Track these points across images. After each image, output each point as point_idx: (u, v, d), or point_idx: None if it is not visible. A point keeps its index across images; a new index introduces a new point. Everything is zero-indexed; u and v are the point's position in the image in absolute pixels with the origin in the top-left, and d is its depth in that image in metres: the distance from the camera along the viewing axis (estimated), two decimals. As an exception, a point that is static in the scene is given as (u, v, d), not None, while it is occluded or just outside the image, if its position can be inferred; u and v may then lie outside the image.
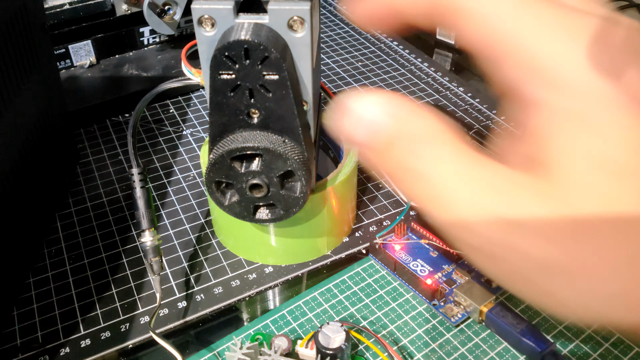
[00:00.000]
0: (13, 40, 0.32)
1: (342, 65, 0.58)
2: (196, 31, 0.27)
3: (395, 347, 0.31)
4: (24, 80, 0.34)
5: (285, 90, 0.27)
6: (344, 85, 0.55)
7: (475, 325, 0.32)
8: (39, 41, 0.36)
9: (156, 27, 0.53)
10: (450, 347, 0.31)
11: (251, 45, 0.25)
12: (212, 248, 0.37)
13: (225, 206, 0.30)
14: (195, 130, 0.49)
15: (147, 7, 0.51)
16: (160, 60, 0.55)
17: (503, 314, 0.30)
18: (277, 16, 0.26)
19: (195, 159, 0.45)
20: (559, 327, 0.31)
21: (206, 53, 0.27)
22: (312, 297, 0.33)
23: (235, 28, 0.26)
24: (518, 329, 0.30)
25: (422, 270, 0.34)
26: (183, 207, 0.40)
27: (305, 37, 0.27)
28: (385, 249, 0.35)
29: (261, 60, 0.26)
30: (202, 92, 0.53)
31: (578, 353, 0.30)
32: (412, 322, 0.32)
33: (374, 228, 0.39)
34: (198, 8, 0.26)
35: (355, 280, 0.34)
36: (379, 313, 0.32)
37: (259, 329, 0.32)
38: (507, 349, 0.30)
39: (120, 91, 0.51)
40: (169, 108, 0.51)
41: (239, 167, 0.28)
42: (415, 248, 0.36)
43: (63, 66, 0.53)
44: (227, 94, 0.27)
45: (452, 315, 0.32)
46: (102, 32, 0.53)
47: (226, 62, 0.26)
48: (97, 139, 0.48)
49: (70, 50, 0.53)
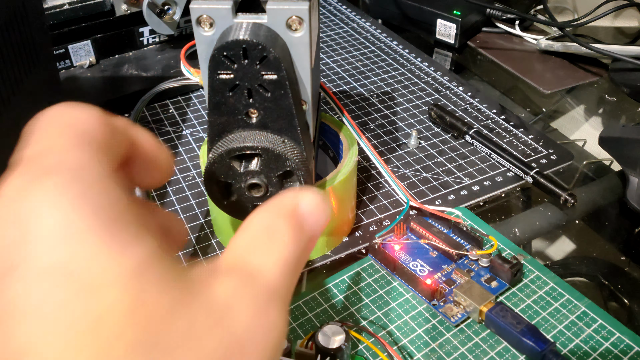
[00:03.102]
0: (12, 41, 0.32)
1: (342, 65, 0.58)
2: (195, 31, 0.27)
3: (395, 347, 0.31)
4: (23, 81, 0.34)
5: (284, 90, 0.26)
6: (343, 85, 0.55)
7: (474, 325, 0.32)
8: (39, 41, 0.36)
9: (156, 27, 0.53)
10: (450, 347, 0.30)
11: (250, 45, 0.25)
12: (212, 248, 0.37)
13: (224, 206, 0.30)
14: (195, 130, 0.48)
15: (146, 7, 0.51)
16: (160, 60, 0.55)
17: (503, 314, 0.30)
18: (275, 16, 0.26)
19: (194, 159, 0.45)
20: (559, 326, 0.31)
21: (205, 53, 0.27)
22: (312, 297, 0.33)
23: (234, 28, 0.26)
24: (518, 329, 0.30)
25: (421, 270, 0.34)
26: (183, 207, 0.40)
27: (304, 37, 0.27)
28: (385, 249, 0.35)
29: (260, 60, 0.26)
30: (202, 92, 0.53)
31: (578, 353, 0.30)
32: (412, 322, 0.32)
33: (373, 228, 0.39)
34: (197, 8, 0.26)
35: (355, 280, 0.34)
36: (379, 313, 0.32)
37: (258, 329, 0.32)
38: (507, 348, 0.30)
39: (119, 91, 0.51)
40: (169, 108, 0.51)
41: (238, 166, 0.28)
42: (414, 248, 0.36)
43: (63, 66, 0.53)
44: (225, 93, 0.27)
45: (451, 315, 0.32)
46: (102, 32, 0.53)
47: (225, 61, 0.26)
48: (97, 139, 0.47)
49: (70, 51, 0.52)
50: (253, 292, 0.15)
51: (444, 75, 0.56)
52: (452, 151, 0.46)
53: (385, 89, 0.54)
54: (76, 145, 0.15)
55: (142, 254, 0.13)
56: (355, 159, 0.36)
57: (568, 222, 0.40)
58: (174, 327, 0.13)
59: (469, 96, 0.53)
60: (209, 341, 0.13)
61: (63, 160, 0.14)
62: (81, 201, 0.13)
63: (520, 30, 0.63)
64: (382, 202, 0.41)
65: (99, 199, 0.14)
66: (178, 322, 0.13)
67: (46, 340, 0.12)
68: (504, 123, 0.49)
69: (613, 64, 0.56)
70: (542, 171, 0.42)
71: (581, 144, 0.48)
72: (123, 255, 0.13)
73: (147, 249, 0.14)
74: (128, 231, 0.14)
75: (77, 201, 0.13)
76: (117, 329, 0.12)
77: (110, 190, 0.14)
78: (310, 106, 0.29)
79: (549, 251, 0.39)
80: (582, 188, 0.43)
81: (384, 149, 0.46)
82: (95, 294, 0.12)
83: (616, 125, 0.48)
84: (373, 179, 0.43)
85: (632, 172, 0.41)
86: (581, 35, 0.61)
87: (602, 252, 0.38)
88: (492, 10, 0.62)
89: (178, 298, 0.14)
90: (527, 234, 0.39)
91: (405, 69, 0.57)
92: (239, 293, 0.15)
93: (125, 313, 0.13)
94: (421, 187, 0.42)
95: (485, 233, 0.36)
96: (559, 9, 0.67)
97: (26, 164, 0.14)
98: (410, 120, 0.50)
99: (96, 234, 0.13)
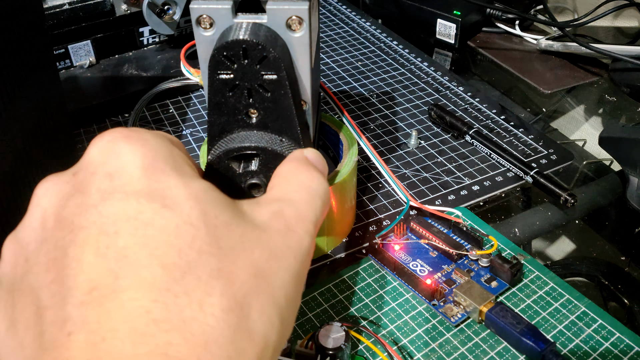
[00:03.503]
0: (12, 41, 0.32)
1: (342, 65, 0.58)
2: (195, 31, 0.27)
3: (395, 347, 0.31)
4: (23, 81, 0.34)
5: (284, 90, 0.26)
6: (343, 85, 0.55)
7: (474, 325, 0.32)
8: (39, 41, 0.36)
9: (155, 27, 0.53)
10: (450, 347, 0.30)
11: (249, 44, 0.25)
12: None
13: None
14: (195, 130, 0.48)
15: (146, 7, 0.51)
16: (160, 60, 0.55)
17: (503, 314, 0.30)
18: (275, 16, 0.26)
19: (194, 159, 0.45)
20: (559, 326, 0.31)
21: (205, 53, 0.27)
22: (312, 297, 0.33)
23: (234, 28, 0.26)
24: (518, 329, 0.30)
25: (421, 270, 0.34)
26: (182, 207, 0.40)
27: (303, 37, 0.27)
28: (385, 249, 0.35)
29: (260, 60, 0.26)
30: (202, 92, 0.53)
31: (578, 353, 0.30)
32: (412, 322, 0.32)
33: (373, 228, 0.39)
34: (196, 8, 0.26)
35: (355, 280, 0.34)
36: (379, 313, 0.32)
37: (258, 329, 0.32)
38: (507, 348, 0.30)
39: (119, 91, 0.51)
40: (169, 108, 0.51)
41: (237, 167, 0.28)
42: (414, 248, 0.36)
43: (63, 66, 0.53)
44: (225, 93, 0.27)
45: (451, 315, 0.32)
46: (102, 32, 0.53)
47: (225, 61, 0.26)
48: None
49: (70, 51, 0.52)
50: (286, 216, 0.20)
51: (444, 75, 0.56)
52: (452, 151, 0.46)
53: (385, 89, 0.54)
54: (147, 131, 0.20)
55: (204, 184, 0.19)
56: (355, 159, 0.36)
57: (568, 222, 0.40)
58: (231, 235, 0.18)
59: (469, 96, 0.53)
60: (256, 248, 0.18)
61: (138, 132, 0.19)
62: (155, 154, 0.19)
63: (520, 30, 0.63)
64: (382, 202, 0.41)
65: (168, 154, 0.19)
66: (233, 232, 0.18)
67: (138, 242, 0.16)
68: (504, 123, 0.49)
69: (613, 64, 0.56)
70: (542, 171, 0.42)
71: (581, 144, 0.48)
72: (190, 185, 0.18)
73: (206, 184, 0.19)
74: (190, 174, 0.19)
75: (152, 153, 0.19)
76: (192, 234, 0.17)
77: (174, 152, 0.20)
78: (310, 106, 0.29)
79: (549, 251, 0.39)
80: (582, 188, 0.43)
81: (384, 149, 0.46)
82: (174, 209, 0.17)
83: (616, 125, 0.48)
84: (373, 179, 0.43)
85: (632, 172, 0.41)
86: (581, 35, 0.61)
87: (602, 252, 0.38)
88: (492, 10, 0.62)
89: (233, 215, 0.18)
90: (527, 234, 0.39)
91: (405, 69, 0.57)
92: (276, 216, 0.20)
93: (196, 222, 0.17)
94: (421, 187, 0.42)
95: (485, 233, 0.36)
96: (559, 9, 0.67)
97: (111, 131, 0.19)
98: (410, 120, 0.50)
99: (168, 172, 0.18)
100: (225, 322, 0.16)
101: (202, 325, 0.15)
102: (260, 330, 0.17)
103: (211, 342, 0.15)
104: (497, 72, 0.58)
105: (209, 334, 0.15)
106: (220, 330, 0.16)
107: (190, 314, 0.15)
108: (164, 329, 0.15)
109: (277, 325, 0.17)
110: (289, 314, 0.18)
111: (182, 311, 0.15)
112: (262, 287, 0.17)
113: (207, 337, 0.15)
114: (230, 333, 0.16)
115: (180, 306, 0.15)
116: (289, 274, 0.18)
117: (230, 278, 0.17)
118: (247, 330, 0.16)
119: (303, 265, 0.19)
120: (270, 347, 0.17)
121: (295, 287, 0.19)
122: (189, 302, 0.16)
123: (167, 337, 0.15)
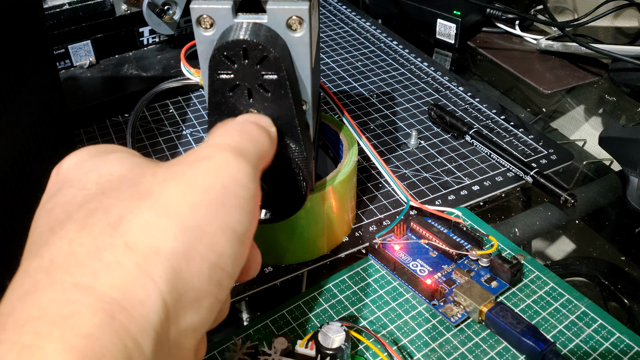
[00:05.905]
0: (12, 41, 0.32)
1: (342, 65, 0.58)
2: (195, 31, 0.27)
3: (394, 347, 0.31)
4: (23, 81, 0.34)
5: (284, 90, 0.26)
6: (343, 85, 0.55)
7: (474, 325, 0.32)
8: (38, 41, 0.36)
9: (156, 27, 0.53)
10: (450, 347, 0.31)
11: (250, 45, 0.25)
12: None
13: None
14: (195, 130, 0.48)
15: (146, 7, 0.51)
16: (160, 60, 0.55)
17: (503, 314, 0.30)
18: (275, 16, 0.26)
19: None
20: (559, 326, 0.31)
21: (205, 53, 0.27)
22: (312, 297, 0.33)
23: (234, 28, 0.26)
24: (518, 329, 0.30)
25: (421, 270, 0.34)
26: (183, 207, 0.40)
27: (304, 37, 0.27)
28: (385, 249, 0.35)
29: (260, 60, 0.26)
30: (202, 92, 0.53)
31: (578, 353, 0.30)
32: (412, 322, 0.32)
33: (373, 228, 0.39)
34: (197, 8, 0.26)
35: (355, 280, 0.34)
36: (379, 313, 0.32)
37: (258, 329, 0.32)
38: (507, 348, 0.30)
39: (119, 91, 0.51)
40: (169, 108, 0.51)
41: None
42: (414, 248, 0.36)
43: (63, 66, 0.53)
44: (226, 93, 0.27)
45: (451, 315, 0.32)
46: (102, 32, 0.53)
47: (225, 61, 0.26)
48: (97, 139, 0.48)
49: (70, 51, 0.52)
50: (196, 149, 0.22)
51: (444, 75, 0.56)
52: (452, 151, 0.46)
53: (385, 89, 0.54)
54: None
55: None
56: (355, 159, 0.36)
57: (568, 222, 0.40)
58: (144, 178, 0.21)
59: (469, 96, 0.53)
60: (156, 178, 0.21)
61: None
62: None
63: (520, 30, 0.63)
64: (382, 202, 0.41)
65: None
66: (146, 174, 0.21)
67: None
68: (504, 123, 0.49)
69: (613, 64, 0.56)
70: (542, 171, 0.42)
71: (581, 144, 0.48)
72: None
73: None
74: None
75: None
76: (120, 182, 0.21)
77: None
78: (310, 106, 0.29)
79: (549, 251, 0.39)
80: (582, 188, 0.43)
81: (384, 149, 0.46)
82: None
83: (616, 125, 0.48)
84: (373, 179, 0.43)
85: (632, 172, 0.41)
86: (581, 35, 0.61)
87: (602, 252, 0.38)
88: (492, 10, 0.62)
89: (155, 165, 0.22)
90: (527, 234, 0.39)
91: (405, 69, 0.57)
92: (217, 152, 0.22)
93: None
94: (421, 187, 0.42)
95: (485, 233, 0.36)
96: (559, 9, 0.67)
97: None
98: (410, 120, 0.50)
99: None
100: (97, 239, 0.18)
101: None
102: (141, 240, 0.18)
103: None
104: (497, 72, 0.58)
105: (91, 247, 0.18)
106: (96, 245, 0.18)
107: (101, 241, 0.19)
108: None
109: (174, 231, 0.19)
110: (198, 220, 0.20)
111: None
112: (147, 203, 0.19)
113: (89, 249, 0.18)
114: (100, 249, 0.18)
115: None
116: (191, 188, 0.20)
117: (110, 208, 0.19)
118: (124, 244, 0.18)
119: (211, 178, 0.21)
120: (163, 253, 0.18)
121: (204, 195, 0.20)
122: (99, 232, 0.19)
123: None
